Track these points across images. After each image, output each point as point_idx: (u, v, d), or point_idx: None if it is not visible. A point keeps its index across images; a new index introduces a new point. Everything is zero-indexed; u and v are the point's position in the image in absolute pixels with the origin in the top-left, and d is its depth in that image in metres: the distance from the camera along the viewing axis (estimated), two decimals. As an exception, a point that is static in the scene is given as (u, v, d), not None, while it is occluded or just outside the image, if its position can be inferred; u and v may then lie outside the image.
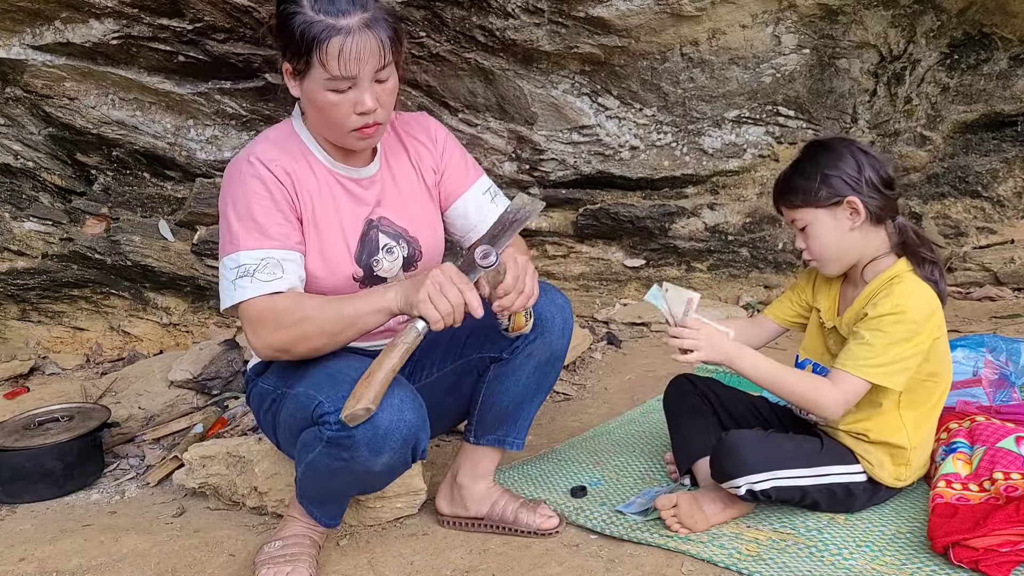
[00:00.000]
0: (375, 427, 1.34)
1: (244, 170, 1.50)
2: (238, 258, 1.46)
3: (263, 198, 1.48)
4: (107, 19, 2.51)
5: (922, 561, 1.39)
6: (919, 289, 1.52)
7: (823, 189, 1.52)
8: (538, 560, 1.54)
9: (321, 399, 1.38)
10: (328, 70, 1.39)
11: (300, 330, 1.43)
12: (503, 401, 1.62)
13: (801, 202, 1.55)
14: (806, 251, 1.59)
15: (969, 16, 2.96)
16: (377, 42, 1.40)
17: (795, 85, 3.01)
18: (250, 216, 1.47)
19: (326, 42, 1.37)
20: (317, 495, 1.53)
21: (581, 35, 2.69)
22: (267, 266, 1.45)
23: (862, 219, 1.52)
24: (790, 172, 1.59)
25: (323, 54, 1.38)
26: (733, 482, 1.51)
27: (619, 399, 2.49)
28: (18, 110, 2.82)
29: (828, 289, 1.70)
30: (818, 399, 1.51)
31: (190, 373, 2.56)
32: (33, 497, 2.05)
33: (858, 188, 1.52)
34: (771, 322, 1.79)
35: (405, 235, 1.63)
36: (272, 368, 1.61)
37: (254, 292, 1.44)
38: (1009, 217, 3.31)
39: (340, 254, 1.56)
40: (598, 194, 3.24)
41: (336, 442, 1.36)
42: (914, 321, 1.48)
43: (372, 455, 1.36)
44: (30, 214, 3.06)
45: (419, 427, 1.40)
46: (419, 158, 1.69)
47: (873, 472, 1.56)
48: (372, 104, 1.44)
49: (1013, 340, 2.05)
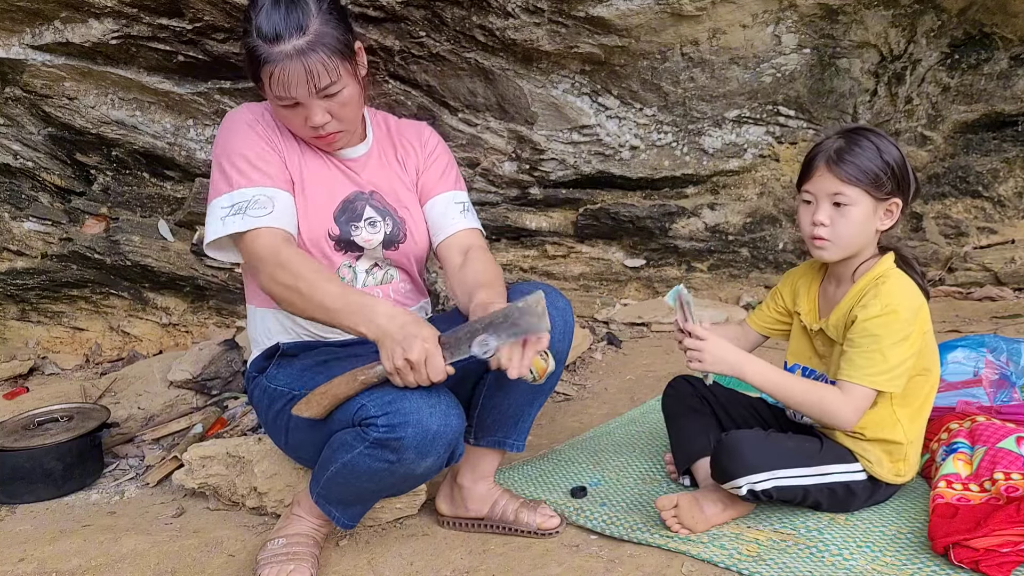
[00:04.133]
0: (425, 430, 1.34)
1: (236, 117, 1.57)
2: (231, 197, 1.51)
3: (251, 138, 1.54)
4: (106, 19, 2.51)
5: (923, 561, 1.38)
6: (904, 285, 1.52)
7: (890, 181, 1.49)
8: (538, 560, 1.54)
9: (364, 402, 1.38)
10: (272, 90, 1.48)
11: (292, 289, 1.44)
12: (503, 405, 1.62)
13: (860, 182, 1.48)
14: (826, 228, 1.52)
15: (970, 16, 2.95)
16: (309, 69, 1.45)
17: (795, 85, 3.00)
18: (243, 157, 1.52)
19: (263, 67, 1.46)
20: (345, 496, 1.51)
21: (581, 35, 2.69)
22: (258, 202, 1.49)
23: (892, 223, 1.53)
24: (848, 146, 1.50)
25: (265, 75, 1.47)
26: (734, 482, 1.51)
27: (619, 399, 2.49)
28: (17, 110, 2.81)
29: (807, 291, 1.68)
30: (832, 411, 1.50)
31: (189, 373, 2.55)
32: (32, 497, 2.04)
33: (905, 196, 1.53)
34: (752, 329, 1.79)
35: (394, 214, 1.66)
36: (280, 366, 1.60)
37: (247, 227, 1.48)
38: (1010, 217, 3.31)
39: (322, 208, 1.60)
40: (598, 194, 3.24)
41: (383, 443, 1.35)
42: (905, 320, 1.47)
43: (419, 457, 1.37)
44: (29, 214, 3.06)
45: (461, 432, 1.43)
46: (405, 157, 1.74)
47: (872, 469, 1.56)
48: (320, 119, 1.51)
49: (1014, 340, 2.05)
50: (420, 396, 1.36)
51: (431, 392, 1.37)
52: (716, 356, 1.51)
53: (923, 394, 1.58)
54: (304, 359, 1.61)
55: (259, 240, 1.48)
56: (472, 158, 3.04)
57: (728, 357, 1.51)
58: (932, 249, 3.34)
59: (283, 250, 1.47)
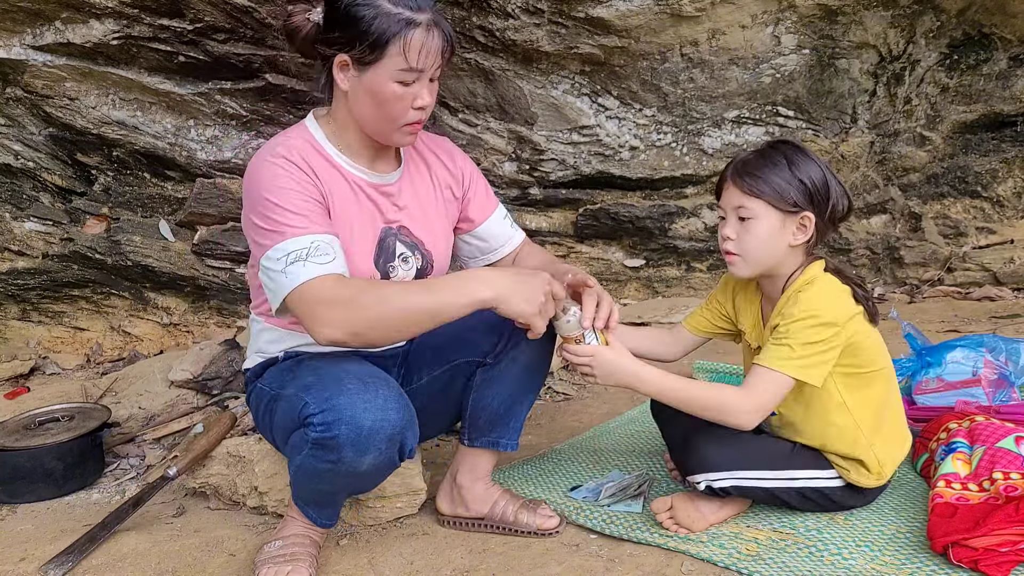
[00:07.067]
0: (359, 427, 1.32)
1: (270, 165, 1.45)
2: (284, 247, 1.38)
3: (294, 190, 1.43)
4: (107, 19, 2.52)
5: (921, 561, 1.39)
6: (830, 291, 1.47)
7: (794, 193, 1.43)
8: (538, 560, 1.54)
9: (307, 400, 1.37)
10: (408, 61, 1.41)
11: (377, 312, 1.35)
12: (492, 405, 1.63)
13: (763, 194, 1.44)
14: (733, 242, 1.49)
15: (968, 16, 2.96)
16: (447, 37, 1.45)
17: (795, 85, 3.01)
18: (287, 207, 1.41)
19: (409, 33, 1.39)
20: (310, 497, 1.53)
21: (581, 35, 2.69)
22: (317, 249, 1.39)
23: (805, 239, 1.47)
24: (756, 158, 1.48)
25: (406, 45, 1.40)
26: (693, 477, 1.53)
27: (619, 399, 2.49)
28: (18, 110, 2.82)
29: (749, 307, 1.64)
30: (730, 409, 1.44)
31: (190, 373, 2.56)
32: (34, 497, 2.05)
33: (819, 208, 1.45)
34: (688, 333, 1.75)
35: (421, 247, 1.63)
36: (269, 369, 1.61)
37: (312, 273, 1.36)
38: (1009, 217, 3.32)
39: (363, 255, 1.55)
40: (598, 194, 3.25)
41: (321, 443, 1.34)
42: (824, 323, 1.42)
43: (357, 455, 1.34)
44: (31, 214, 3.07)
45: (404, 425, 1.37)
46: (438, 175, 1.70)
47: (850, 477, 1.54)
48: (430, 99, 1.48)
49: (1012, 340, 2.05)
50: (356, 391, 1.33)
51: (368, 386, 1.34)
52: (607, 369, 1.47)
53: (878, 391, 1.54)
54: (291, 362, 1.60)
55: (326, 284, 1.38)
56: (472, 158, 3.04)
57: (621, 366, 1.47)
58: (931, 249, 3.35)
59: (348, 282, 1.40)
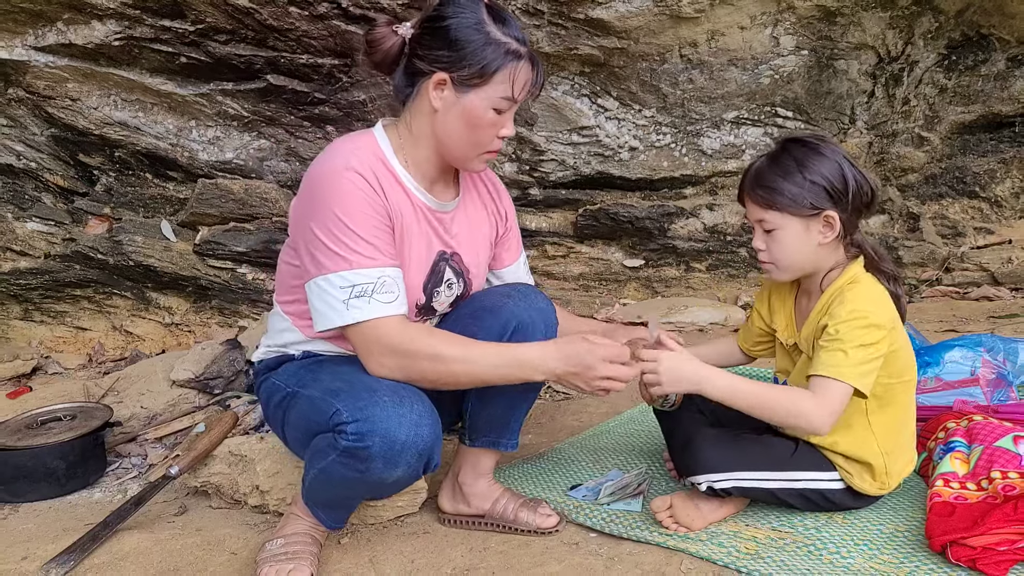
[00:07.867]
0: (392, 441, 1.32)
1: (342, 178, 1.40)
2: (350, 278, 1.39)
3: (367, 213, 1.40)
4: (109, 20, 2.52)
5: (920, 560, 1.39)
6: (875, 292, 1.45)
7: (809, 197, 1.40)
8: (538, 558, 1.55)
9: (339, 407, 1.36)
10: (513, 91, 1.45)
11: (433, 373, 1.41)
12: (491, 407, 1.64)
13: (778, 205, 1.43)
14: (764, 253, 1.49)
15: (967, 17, 2.97)
16: (540, 74, 1.51)
17: (793, 86, 3.02)
18: (359, 231, 1.39)
19: (518, 65, 1.44)
20: (326, 500, 1.53)
21: (581, 37, 2.70)
22: (384, 285, 1.40)
23: (834, 235, 1.44)
24: (768, 167, 1.45)
25: (514, 75, 1.44)
26: (694, 478, 1.53)
27: (619, 398, 2.50)
28: (21, 111, 2.83)
29: (782, 306, 1.63)
30: (804, 413, 1.41)
31: (192, 373, 2.56)
32: (36, 496, 2.05)
33: (841, 203, 1.42)
34: (739, 350, 1.76)
35: (466, 275, 1.65)
36: (285, 364, 1.61)
37: (376, 313, 1.39)
38: (1007, 217, 3.33)
39: (415, 279, 1.55)
40: (598, 194, 3.26)
41: (352, 452, 1.35)
42: (873, 324, 1.40)
43: (387, 468, 1.35)
44: (33, 214, 3.07)
45: (434, 442, 1.39)
46: (488, 209, 1.73)
47: (852, 482, 1.53)
48: (512, 131, 1.53)
49: (1011, 340, 2.06)
50: (392, 404, 1.34)
51: (404, 400, 1.35)
52: (672, 375, 1.43)
53: (902, 401, 1.54)
54: (309, 360, 1.61)
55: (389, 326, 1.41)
56: (472, 159, 3.05)
57: (686, 371, 1.44)
58: (929, 249, 3.35)
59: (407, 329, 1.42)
